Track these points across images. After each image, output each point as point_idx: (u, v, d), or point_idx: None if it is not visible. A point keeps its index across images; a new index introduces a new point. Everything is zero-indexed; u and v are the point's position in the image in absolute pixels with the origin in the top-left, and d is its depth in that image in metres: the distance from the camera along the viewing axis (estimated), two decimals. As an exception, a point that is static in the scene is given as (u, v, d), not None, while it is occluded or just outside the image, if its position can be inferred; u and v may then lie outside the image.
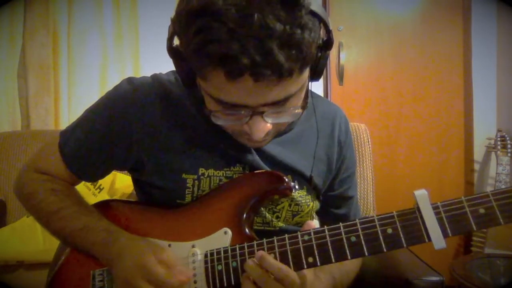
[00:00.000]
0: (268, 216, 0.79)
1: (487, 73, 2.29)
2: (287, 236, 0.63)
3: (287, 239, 0.63)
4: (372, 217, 0.59)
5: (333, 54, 2.27)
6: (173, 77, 0.78)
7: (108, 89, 0.79)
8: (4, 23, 1.95)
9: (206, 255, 0.67)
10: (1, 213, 1.57)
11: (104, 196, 1.56)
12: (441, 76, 2.34)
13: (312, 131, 0.82)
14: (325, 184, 0.85)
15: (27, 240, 1.46)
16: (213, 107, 0.62)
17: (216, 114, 0.63)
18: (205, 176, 0.76)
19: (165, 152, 0.75)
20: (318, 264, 0.61)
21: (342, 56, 2.26)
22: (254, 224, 0.78)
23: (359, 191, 1.43)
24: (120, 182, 1.59)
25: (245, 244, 0.65)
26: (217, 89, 0.58)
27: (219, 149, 0.76)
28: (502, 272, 1.72)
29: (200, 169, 0.76)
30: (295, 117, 0.65)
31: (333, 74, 2.31)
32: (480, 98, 2.30)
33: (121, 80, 0.79)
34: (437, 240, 0.55)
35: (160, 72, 0.80)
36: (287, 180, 0.72)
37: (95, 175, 0.82)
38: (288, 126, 0.78)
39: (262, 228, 0.79)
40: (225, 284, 0.65)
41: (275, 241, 0.63)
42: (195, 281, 0.67)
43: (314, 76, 0.64)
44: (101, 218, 0.75)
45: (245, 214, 0.70)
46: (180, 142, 0.76)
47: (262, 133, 0.62)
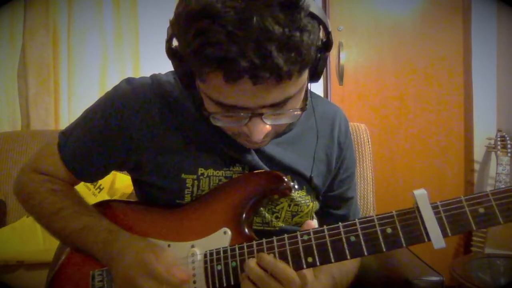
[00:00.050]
0: (268, 216, 0.79)
1: (487, 73, 2.29)
2: (287, 236, 0.63)
3: (287, 239, 0.63)
4: (372, 217, 0.59)
5: (333, 54, 2.27)
6: (172, 78, 0.78)
7: (108, 89, 0.79)
8: (4, 23, 1.94)
9: (206, 255, 0.67)
10: (1, 213, 1.57)
11: (104, 196, 1.56)
12: (441, 76, 2.34)
13: (312, 132, 0.82)
14: (325, 185, 0.85)
15: (27, 240, 1.46)
16: (212, 109, 0.62)
17: (215, 116, 0.63)
18: (205, 176, 0.76)
19: (164, 152, 0.75)
20: (318, 264, 0.61)
21: (342, 56, 2.25)
22: (254, 224, 0.78)
23: (359, 191, 1.43)
24: (120, 182, 1.59)
25: (245, 244, 0.65)
26: (216, 91, 0.58)
27: (219, 149, 0.76)
28: (502, 272, 1.72)
29: (200, 169, 0.76)
30: (294, 119, 0.65)
31: (333, 74, 2.31)
32: (480, 98, 2.30)
33: (120, 81, 0.79)
34: (437, 240, 0.55)
35: (160, 73, 0.80)
36: (287, 180, 0.72)
37: (95, 176, 0.82)
38: (288, 127, 0.78)
39: (262, 228, 0.79)
40: (225, 284, 0.65)
41: (275, 241, 0.63)
42: (195, 281, 0.67)
43: (313, 78, 0.64)
44: (101, 218, 0.75)
45: (245, 214, 0.70)
46: (179, 142, 0.76)
47: (261, 135, 0.62)
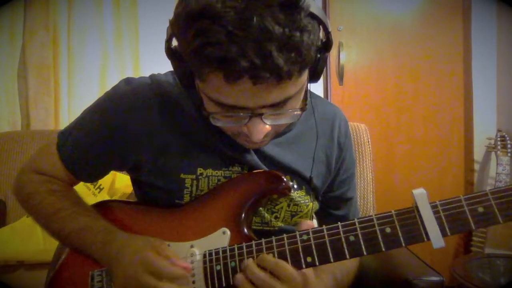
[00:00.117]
0: (267, 216, 0.79)
1: (487, 73, 2.29)
2: (286, 236, 0.63)
3: (286, 239, 0.63)
4: (371, 217, 0.59)
5: (333, 54, 2.27)
6: (172, 78, 0.78)
7: (108, 89, 0.78)
8: (4, 23, 1.94)
9: (205, 255, 0.67)
10: (1, 213, 1.57)
11: (104, 196, 1.56)
12: (441, 76, 2.34)
13: (312, 132, 0.82)
14: (324, 185, 0.85)
15: (27, 240, 1.46)
16: (212, 109, 0.62)
17: (215, 116, 0.63)
18: (204, 176, 0.76)
19: (163, 153, 0.75)
20: (317, 264, 0.61)
21: (342, 56, 2.25)
22: (253, 224, 0.78)
23: (359, 191, 1.43)
24: (120, 182, 1.59)
25: (244, 244, 0.65)
26: (216, 91, 0.58)
27: (218, 149, 0.76)
28: (502, 272, 1.72)
29: (199, 169, 0.76)
30: (294, 119, 0.65)
31: (333, 74, 2.30)
32: (480, 98, 2.30)
33: (119, 81, 0.78)
34: (436, 239, 0.55)
35: (159, 73, 0.80)
36: (286, 180, 0.72)
37: (94, 176, 0.82)
38: (287, 127, 0.78)
39: (261, 228, 0.79)
40: (224, 284, 0.64)
41: (274, 241, 0.63)
42: (194, 281, 0.66)
43: (313, 78, 0.64)
44: (99, 219, 0.75)
45: (244, 214, 0.70)
46: (178, 143, 0.75)
47: (261, 135, 0.62)
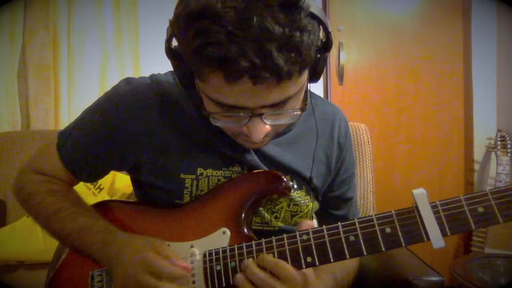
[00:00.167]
0: (267, 216, 0.79)
1: (487, 73, 2.29)
2: (286, 236, 0.63)
3: (286, 239, 0.63)
4: (371, 217, 0.59)
5: (333, 54, 2.27)
6: (172, 78, 0.78)
7: (108, 89, 0.78)
8: (4, 23, 1.94)
9: (205, 255, 0.67)
10: (1, 213, 1.57)
11: (104, 196, 1.56)
12: (441, 76, 2.34)
13: (312, 132, 0.82)
14: (324, 185, 0.85)
15: (27, 240, 1.46)
16: (212, 109, 0.62)
17: (215, 116, 0.63)
18: (204, 176, 0.76)
19: (163, 153, 0.75)
20: (317, 264, 0.61)
21: (342, 56, 2.25)
22: (253, 224, 0.78)
23: (359, 191, 1.43)
24: (120, 182, 1.59)
25: (244, 244, 0.65)
26: (216, 91, 0.58)
27: (218, 150, 0.76)
28: (502, 272, 1.71)
29: (199, 169, 0.76)
30: (294, 119, 0.65)
31: (333, 74, 2.30)
32: (480, 98, 2.30)
33: (119, 81, 0.78)
34: (436, 239, 0.55)
35: (159, 73, 0.80)
36: (286, 180, 0.72)
37: (93, 176, 0.82)
38: (287, 127, 0.78)
39: (261, 228, 0.79)
40: (224, 284, 0.64)
41: (274, 241, 0.63)
42: (194, 281, 0.66)
43: (313, 78, 0.64)
44: (99, 219, 0.75)
45: (244, 214, 0.70)
46: (178, 143, 0.75)
47: (261, 135, 0.62)
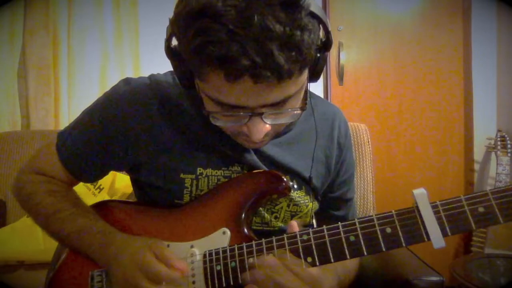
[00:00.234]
0: (267, 216, 0.79)
1: (487, 73, 2.29)
2: (286, 236, 0.63)
3: (286, 239, 0.62)
4: (371, 217, 0.59)
5: (333, 54, 2.27)
6: (171, 78, 0.78)
7: (108, 89, 0.78)
8: (4, 23, 1.94)
9: (205, 255, 0.67)
10: (1, 213, 1.57)
11: (104, 196, 1.56)
12: (441, 76, 2.34)
13: (311, 132, 0.82)
14: (324, 185, 0.85)
15: (27, 240, 1.46)
16: (212, 109, 0.62)
17: (215, 116, 0.62)
18: (203, 176, 0.76)
19: (163, 153, 0.75)
20: (318, 264, 0.60)
21: (342, 56, 2.25)
22: (253, 224, 0.78)
23: (359, 191, 1.43)
24: (120, 182, 1.59)
25: (244, 244, 0.65)
26: (216, 91, 0.57)
27: (218, 149, 0.76)
28: (502, 272, 1.71)
29: (198, 169, 0.76)
30: (294, 118, 0.65)
31: (333, 74, 2.30)
32: (480, 98, 2.30)
33: (119, 81, 0.78)
34: (436, 239, 0.55)
35: (158, 73, 0.80)
36: (286, 180, 0.72)
37: (93, 176, 0.82)
38: (287, 127, 0.78)
39: (261, 228, 0.79)
40: (224, 284, 0.64)
41: (274, 241, 0.63)
42: (194, 282, 0.66)
43: (313, 77, 0.64)
44: (98, 220, 0.75)
45: (244, 214, 0.70)
46: (178, 142, 0.75)
47: (261, 134, 0.62)
